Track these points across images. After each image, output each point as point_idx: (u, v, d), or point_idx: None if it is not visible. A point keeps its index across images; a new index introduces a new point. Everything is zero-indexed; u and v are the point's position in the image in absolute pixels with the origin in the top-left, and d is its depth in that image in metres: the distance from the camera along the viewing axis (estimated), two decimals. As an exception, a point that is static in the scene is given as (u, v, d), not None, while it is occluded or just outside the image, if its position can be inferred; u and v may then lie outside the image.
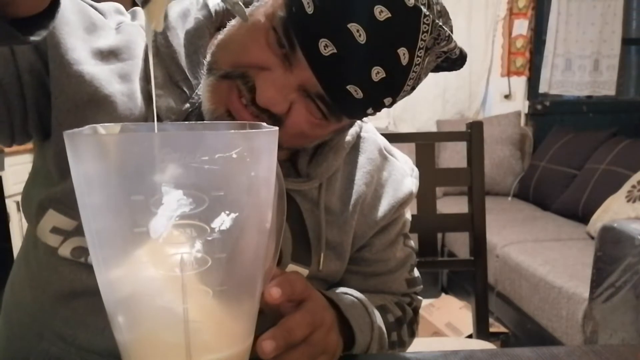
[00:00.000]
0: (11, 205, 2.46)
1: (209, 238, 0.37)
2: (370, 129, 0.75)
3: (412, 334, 0.76)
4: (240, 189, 0.39)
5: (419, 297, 0.81)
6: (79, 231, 0.60)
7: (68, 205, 0.60)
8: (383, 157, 0.74)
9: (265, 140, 0.40)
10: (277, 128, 0.41)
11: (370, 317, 0.63)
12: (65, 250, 0.61)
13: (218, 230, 0.37)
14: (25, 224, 0.71)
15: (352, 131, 0.70)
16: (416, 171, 0.78)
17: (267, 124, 0.48)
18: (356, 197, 0.69)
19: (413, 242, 0.79)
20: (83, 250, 0.61)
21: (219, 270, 0.38)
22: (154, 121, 0.43)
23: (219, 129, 0.49)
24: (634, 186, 2.23)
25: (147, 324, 0.39)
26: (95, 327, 0.61)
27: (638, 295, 1.44)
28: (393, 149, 0.77)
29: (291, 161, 0.67)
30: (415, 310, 0.78)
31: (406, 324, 0.74)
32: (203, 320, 0.39)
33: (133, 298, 0.39)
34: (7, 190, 2.46)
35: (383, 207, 0.72)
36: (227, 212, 0.37)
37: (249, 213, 0.39)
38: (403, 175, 0.75)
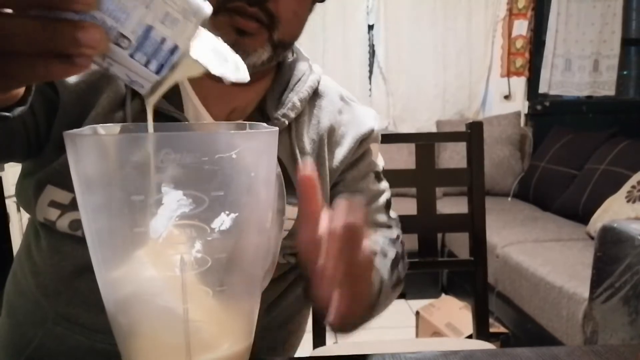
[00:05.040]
0: (11, 206, 2.46)
1: (209, 238, 0.37)
2: (329, 79, 0.80)
3: (405, 268, 0.79)
4: (240, 189, 0.39)
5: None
6: (75, 205, 0.63)
7: (64, 178, 0.63)
8: (344, 102, 0.79)
9: (265, 140, 0.40)
10: (276, 128, 0.41)
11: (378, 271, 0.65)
12: (63, 223, 0.64)
13: (218, 230, 0.37)
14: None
15: (313, 77, 0.74)
16: (377, 115, 0.83)
17: (263, 15, 0.57)
18: (323, 134, 0.74)
19: (387, 184, 0.82)
20: (80, 223, 0.63)
21: (219, 270, 0.38)
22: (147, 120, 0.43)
23: (219, 129, 0.49)
24: (633, 186, 2.23)
25: (147, 324, 0.39)
26: (97, 305, 0.63)
27: (638, 295, 1.44)
28: (353, 97, 0.82)
29: (260, 110, 0.70)
30: (403, 244, 0.80)
31: (401, 260, 0.76)
32: (203, 320, 0.39)
33: (133, 298, 0.39)
34: (7, 190, 2.46)
35: (348, 142, 0.76)
36: (227, 212, 0.37)
37: (249, 213, 0.39)
38: (364, 115, 0.79)
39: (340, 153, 0.75)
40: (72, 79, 0.63)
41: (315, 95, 0.76)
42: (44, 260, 0.68)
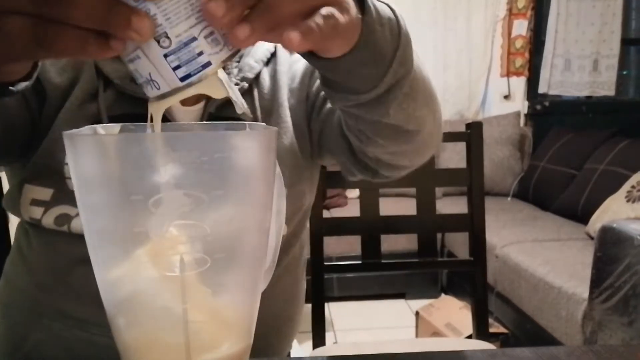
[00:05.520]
0: (11, 206, 2.46)
1: (209, 238, 0.37)
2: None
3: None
4: (240, 189, 0.39)
5: None
6: (57, 200, 0.64)
7: (38, 175, 0.64)
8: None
9: (265, 140, 0.40)
10: (276, 128, 0.41)
11: None
12: (48, 220, 0.64)
13: (218, 230, 0.37)
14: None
15: (269, 45, 0.74)
16: None
17: None
18: (284, 93, 0.74)
19: None
20: (65, 218, 0.64)
21: (219, 270, 0.38)
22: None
23: (219, 129, 0.49)
24: (633, 186, 2.23)
25: (147, 324, 0.39)
26: (92, 298, 0.65)
27: (638, 295, 1.44)
28: None
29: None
30: None
31: None
32: (203, 320, 0.39)
33: (133, 298, 0.39)
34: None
35: (300, 67, 0.76)
36: (227, 211, 0.37)
37: (249, 213, 0.39)
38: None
39: (299, 83, 0.75)
40: (56, 77, 0.64)
41: (274, 58, 0.75)
42: (36, 259, 0.69)
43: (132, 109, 0.65)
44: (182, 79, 0.37)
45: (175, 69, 0.37)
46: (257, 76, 0.73)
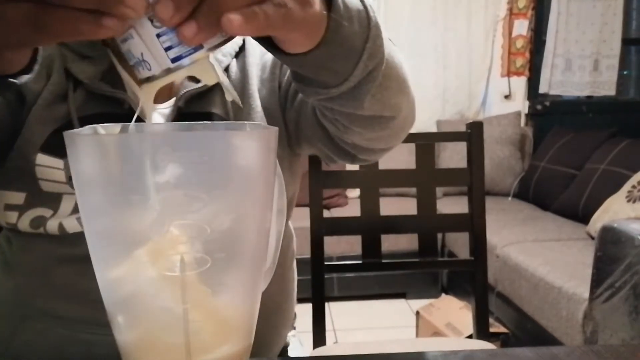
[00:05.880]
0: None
1: (209, 238, 0.37)
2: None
3: None
4: (240, 189, 0.39)
5: None
6: (30, 203, 0.64)
7: (11, 179, 0.63)
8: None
9: (265, 140, 0.40)
10: (276, 128, 0.41)
11: None
12: (24, 224, 0.64)
13: (218, 230, 0.37)
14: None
15: (238, 39, 0.74)
16: None
17: None
18: (253, 84, 0.73)
19: None
20: (41, 220, 0.64)
21: (219, 270, 0.38)
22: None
23: (219, 129, 0.49)
24: (634, 186, 2.23)
25: (147, 324, 0.39)
26: (75, 296, 0.65)
27: (638, 295, 1.44)
28: None
29: (191, 77, 0.70)
30: None
31: None
32: (203, 320, 0.39)
33: (133, 298, 0.39)
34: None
35: (270, 57, 0.75)
36: (227, 212, 0.37)
37: (249, 213, 0.39)
38: None
39: (266, 72, 0.75)
40: (34, 82, 0.64)
41: (243, 52, 0.75)
42: (18, 261, 0.69)
43: (103, 108, 0.65)
44: (173, 60, 0.37)
45: (167, 49, 0.37)
46: (226, 69, 0.73)
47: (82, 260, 0.65)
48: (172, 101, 0.69)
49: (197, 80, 0.68)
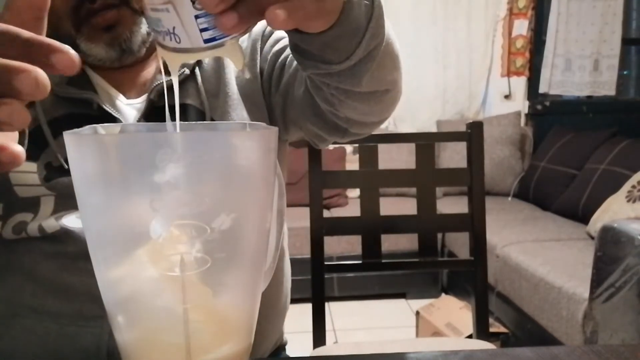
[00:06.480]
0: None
1: (209, 238, 0.37)
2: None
3: None
4: (240, 189, 0.39)
5: None
6: (9, 212, 0.65)
7: None
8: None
9: (265, 140, 0.40)
10: (276, 128, 0.41)
11: None
12: (7, 232, 0.65)
13: (218, 230, 0.37)
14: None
15: None
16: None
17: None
18: (228, 72, 0.74)
19: None
20: (22, 225, 0.65)
21: (219, 270, 0.38)
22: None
23: (219, 129, 0.49)
24: (634, 186, 2.23)
25: (147, 324, 0.39)
26: (62, 291, 0.66)
27: (638, 295, 1.44)
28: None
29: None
30: None
31: None
32: (203, 320, 0.39)
33: (133, 298, 0.39)
34: None
35: (247, 44, 0.76)
36: (227, 212, 0.37)
37: (249, 213, 0.39)
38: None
39: (245, 59, 0.75)
40: None
41: None
42: (4, 262, 0.70)
43: (72, 109, 0.67)
44: (206, 42, 0.39)
45: (202, 30, 0.38)
46: (199, 60, 0.73)
47: (65, 255, 0.65)
48: (144, 96, 0.70)
49: (168, 73, 0.69)
